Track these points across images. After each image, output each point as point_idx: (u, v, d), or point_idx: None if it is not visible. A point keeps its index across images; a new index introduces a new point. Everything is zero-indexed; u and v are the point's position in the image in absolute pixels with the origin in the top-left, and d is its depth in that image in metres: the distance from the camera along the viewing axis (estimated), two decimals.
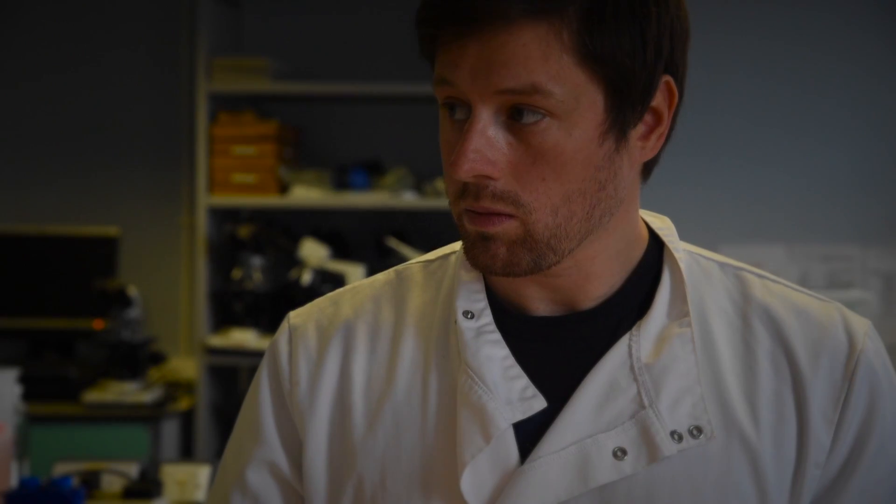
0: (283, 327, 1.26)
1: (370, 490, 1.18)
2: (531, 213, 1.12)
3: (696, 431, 1.15)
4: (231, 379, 4.50)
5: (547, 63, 1.09)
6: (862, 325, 1.20)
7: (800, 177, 4.30)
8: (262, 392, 1.25)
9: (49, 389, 4.23)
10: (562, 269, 1.16)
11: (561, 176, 1.11)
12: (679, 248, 1.21)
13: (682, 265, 1.20)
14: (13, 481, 2.86)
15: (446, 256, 1.26)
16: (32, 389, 3.39)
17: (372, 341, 1.23)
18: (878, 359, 1.19)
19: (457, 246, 1.26)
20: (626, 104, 1.12)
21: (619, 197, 1.15)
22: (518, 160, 1.11)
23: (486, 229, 1.13)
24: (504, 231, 1.12)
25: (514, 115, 1.10)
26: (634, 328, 1.18)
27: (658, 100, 1.14)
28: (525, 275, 1.14)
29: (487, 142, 1.10)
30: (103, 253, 4.56)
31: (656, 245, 1.21)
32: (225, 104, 4.46)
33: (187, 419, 4.44)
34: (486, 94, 1.10)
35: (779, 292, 1.22)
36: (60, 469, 2.91)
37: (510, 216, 1.12)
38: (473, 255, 1.15)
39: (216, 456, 4.15)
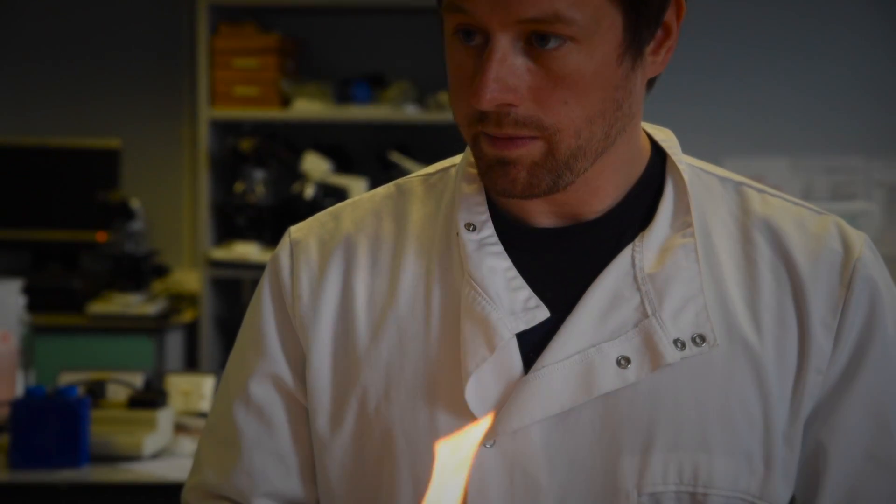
0: (284, 242, 1.27)
1: (374, 401, 1.19)
2: (555, 135, 1.11)
3: (699, 339, 1.15)
4: (234, 291, 4.52)
5: None
6: (858, 236, 1.21)
7: (804, 89, 4.28)
8: (264, 306, 1.25)
9: (53, 301, 4.24)
10: (570, 184, 1.16)
11: (582, 99, 1.11)
12: (682, 160, 1.22)
13: (686, 176, 1.20)
14: (19, 390, 2.89)
15: (446, 169, 1.26)
16: (36, 300, 3.40)
17: (373, 255, 1.23)
18: (876, 267, 1.20)
19: (457, 159, 1.26)
20: (642, 23, 1.12)
21: (632, 113, 1.15)
22: (539, 85, 1.10)
23: (507, 153, 1.12)
24: (527, 153, 1.12)
25: (534, 41, 1.09)
26: (637, 239, 1.18)
27: (668, 14, 1.14)
28: (542, 196, 1.14)
29: (508, 69, 1.09)
30: (105, 165, 4.56)
31: (659, 157, 1.22)
32: (226, 16, 4.42)
33: (191, 331, 4.47)
34: (505, 22, 1.09)
35: (777, 205, 1.22)
36: (66, 378, 2.93)
37: (533, 138, 1.12)
38: (491, 179, 1.14)
39: (220, 367, 4.18)
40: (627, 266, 1.17)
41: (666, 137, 1.23)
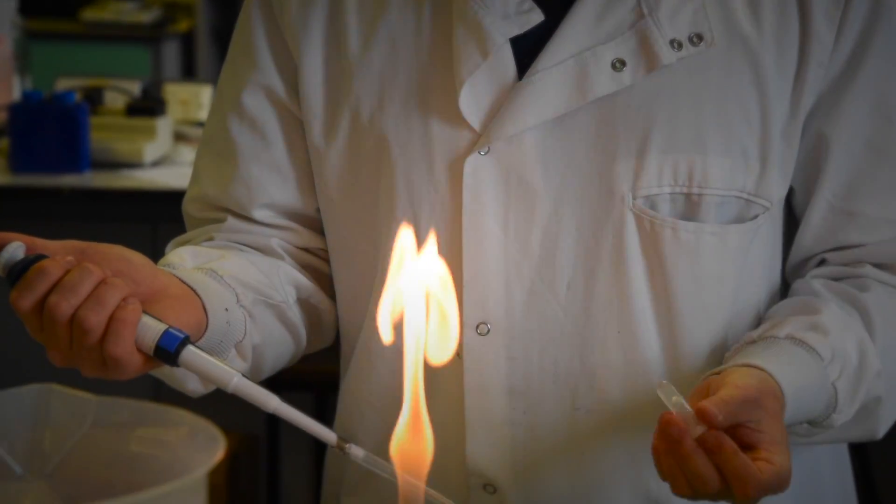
0: None
1: (368, 111, 1.19)
2: None
3: (697, 39, 1.14)
4: (230, 0, 4.45)
5: None
6: None
7: None
8: (252, 16, 1.23)
9: (46, 6, 4.19)
10: None
11: None
12: None
13: None
14: (16, 95, 2.88)
15: None
16: (29, 4, 3.36)
17: None
18: None
19: None
20: None
21: None
22: None
23: None
24: None
25: None
26: None
27: None
28: None
29: None
30: None
31: None
32: None
33: (187, 41, 4.43)
34: None
35: None
36: (63, 85, 2.92)
37: None
38: None
39: (217, 77, 4.16)
40: None
41: None
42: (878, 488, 2.41)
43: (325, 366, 1.73)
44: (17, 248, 1.02)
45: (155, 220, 2.46)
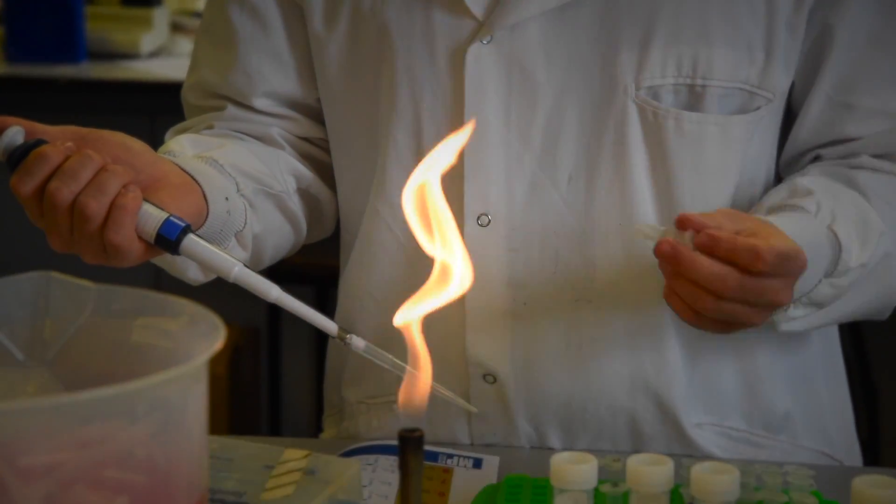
0: None
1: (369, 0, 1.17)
2: None
3: None
4: None
5: None
6: None
7: None
8: None
9: None
10: None
11: None
12: None
13: None
14: None
15: None
16: None
17: None
18: None
19: None
20: None
21: None
22: None
23: None
24: None
25: None
26: None
27: None
28: None
29: None
30: None
31: None
32: None
33: None
34: None
35: None
36: None
37: None
38: None
39: None
40: None
41: None
42: (872, 372, 2.43)
43: (326, 259, 1.73)
44: (16, 132, 1.00)
45: (153, 111, 2.44)
